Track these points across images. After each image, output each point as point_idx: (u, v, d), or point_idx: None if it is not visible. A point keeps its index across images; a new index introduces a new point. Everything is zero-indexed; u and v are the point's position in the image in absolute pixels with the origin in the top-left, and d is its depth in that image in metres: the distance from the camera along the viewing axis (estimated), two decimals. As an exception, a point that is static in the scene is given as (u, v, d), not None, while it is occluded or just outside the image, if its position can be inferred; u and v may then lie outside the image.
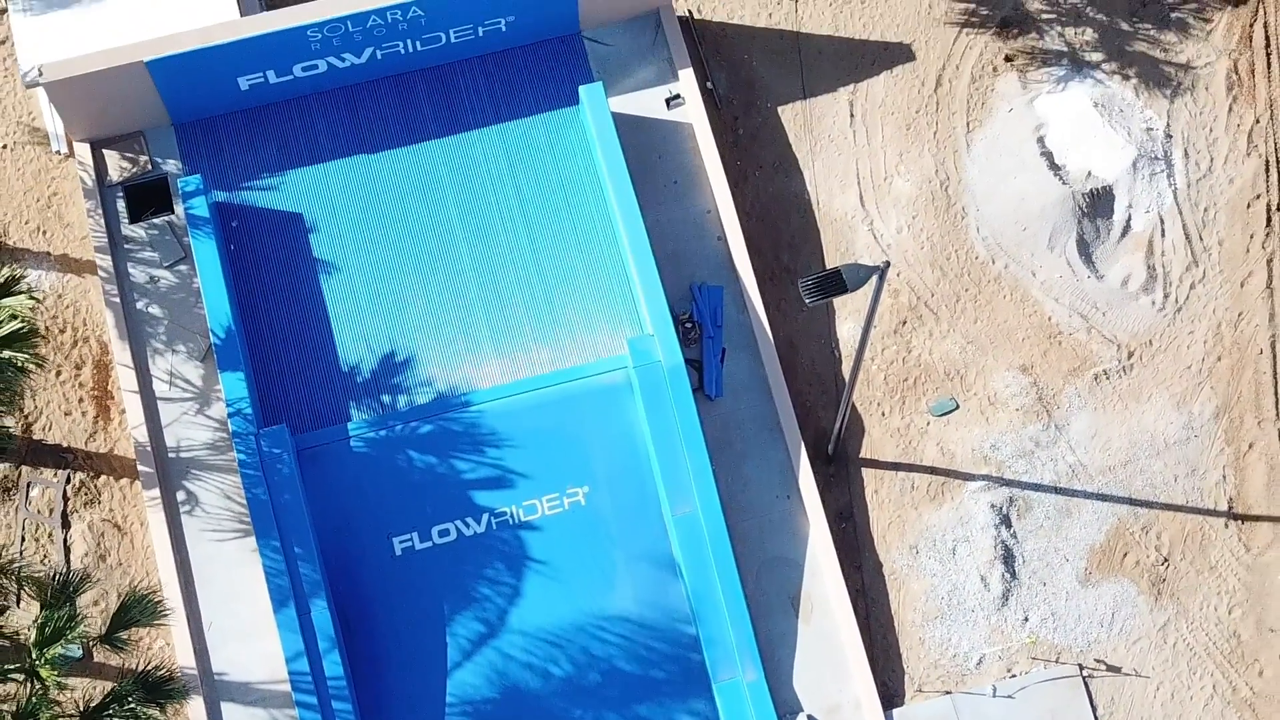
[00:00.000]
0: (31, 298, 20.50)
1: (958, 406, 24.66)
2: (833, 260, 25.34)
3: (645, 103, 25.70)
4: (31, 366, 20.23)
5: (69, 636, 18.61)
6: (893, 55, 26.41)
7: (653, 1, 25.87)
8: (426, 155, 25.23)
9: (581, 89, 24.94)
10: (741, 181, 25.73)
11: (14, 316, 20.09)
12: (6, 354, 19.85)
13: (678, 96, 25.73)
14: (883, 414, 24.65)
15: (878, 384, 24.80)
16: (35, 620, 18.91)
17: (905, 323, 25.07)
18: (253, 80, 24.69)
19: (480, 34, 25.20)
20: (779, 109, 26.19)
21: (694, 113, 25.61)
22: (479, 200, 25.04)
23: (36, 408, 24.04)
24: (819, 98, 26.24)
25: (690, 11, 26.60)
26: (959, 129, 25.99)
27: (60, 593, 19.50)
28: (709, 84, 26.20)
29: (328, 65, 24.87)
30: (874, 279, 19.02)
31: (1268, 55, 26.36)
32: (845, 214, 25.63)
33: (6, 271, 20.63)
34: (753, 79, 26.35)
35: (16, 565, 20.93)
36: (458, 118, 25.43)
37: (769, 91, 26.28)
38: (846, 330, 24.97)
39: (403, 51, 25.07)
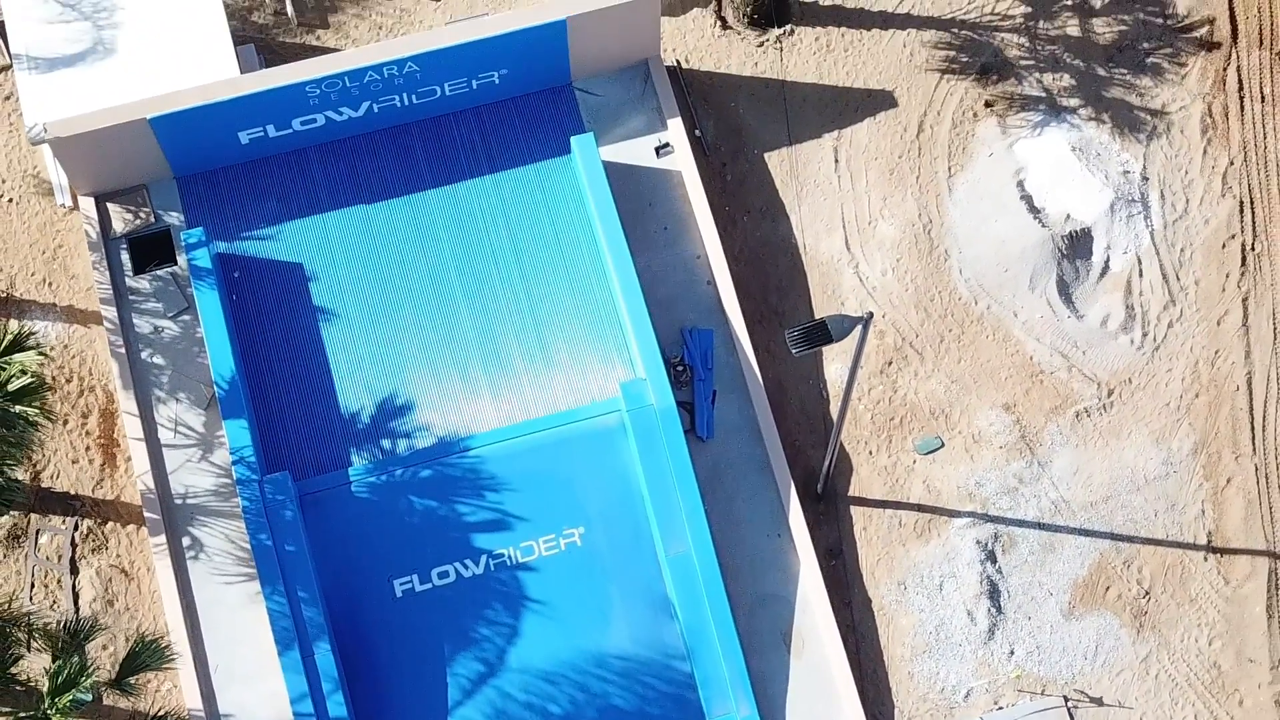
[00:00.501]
0: (41, 353, 21.06)
1: (943, 445, 25.29)
2: (820, 302, 25.99)
3: (635, 151, 26.37)
4: (42, 420, 20.77)
5: (81, 684, 19.15)
6: (876, 102, 27.10)
7: (642, 52, 26.56)
8: (423, 205, 25.88)
9: (573, 139, 25.60)
10: (730, 226, 26.39)
11: (24, 371, 20.63)
12: (17, 409, 20.40)
13: (667, 145, 26.40)
14: (870, 453, 25.28)
15: (865, 423, 25.42)
16: (48, 669, 19.44)
17: (891, 363, 25.71)
18: (253, 134, 25.34)
19: (474, 87, 25.88)
20: (765, 155, 26.87)
21: (683, 160, 26.28)
22: (474, 248, 25.68)
23: (45, 456, 24.63)
24: (804, 144, 26.92)
25: (678, 61, 27.29)
26: (941, 173, 26.68)
27: (70, 641, 20.04)
28: (697, 132, 26.88)
29: (326, 119, 25.53)
30: (858, 329, 19.67)
31: (1240, 98, 27.08)
32: (831, 257, 26.29)
33: (16, 327, 21.20)
34: (740, 126, 27.03)
35: (27, 613, 21.45)
36: (453, 168, 26.08)
37: (756, 138, 26.95)
38: (834, 371, 25.60)
39: (399, 105, 25.73)
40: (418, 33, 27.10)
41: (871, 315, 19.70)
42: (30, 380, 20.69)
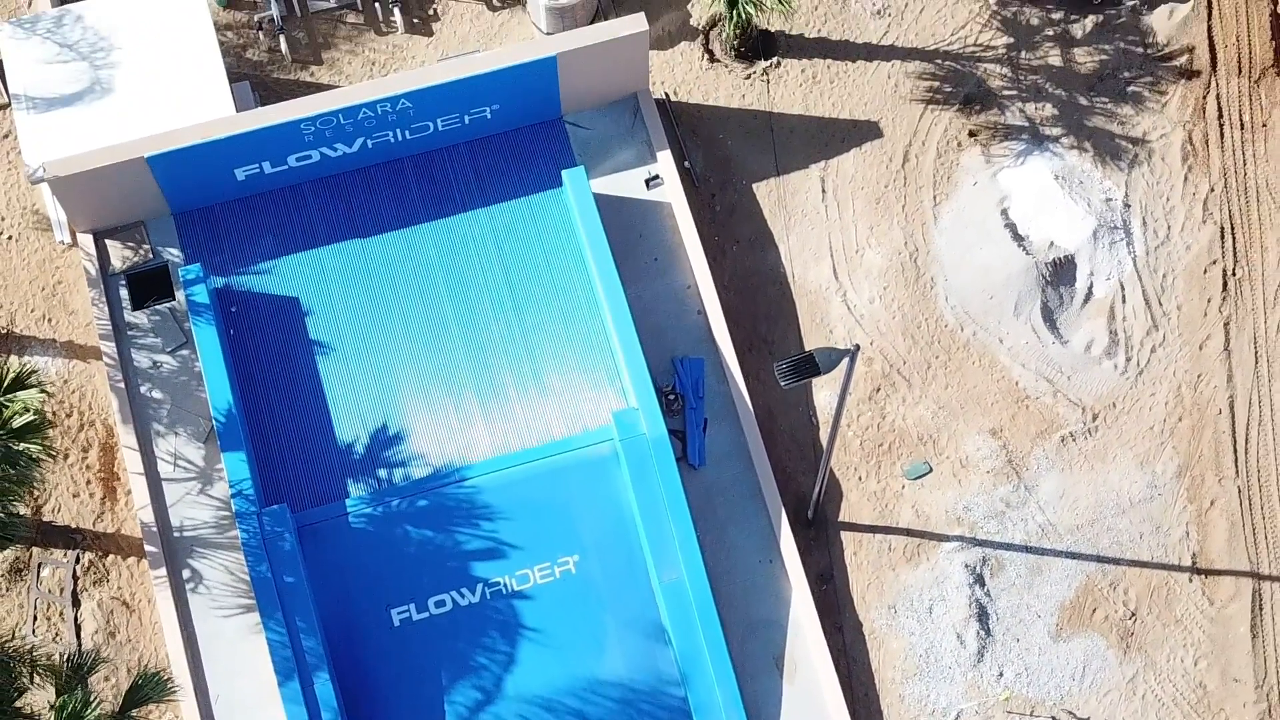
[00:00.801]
0: (43, 391, 21.40)
1: (931, 470, 25.68)
2: (808, 330, 26.40)
3: (626, 183, 26.79)
4: (44, 457, 21.11)
5: (86, 718, 19.46)
6: (861, 133, 27.54)
7: (631, 86, 26.99)
8: (417, 238, 26.28)
9: (565, 173, 26.01)
10: (720, 256, 26.79)
11: (26, 409, 20.98)
12: (20, 446, 20.74)
13: (657, 177, 26.82)
14: (859, 478, 25.66)
15: (854, 450, 25.82)
16: (52, 703, 19.76)
17: (879, 390, 26.11)
18: (249, 171, 25.74)
19: (466, 121, 26.29)
20: (754, 186, 27.30)
21: (672, 192, 26.70)
22: (468, 280, 26.07)
23: (46, 490, 24.97)
24: (792, 174, 27.35)
25: (667, 94, 27.73)
26: (926, 203, 27.11)
27: (73, 674, 20.37)
28: (686, 163, 27.31)
29: (320, 155, 25.93)
30: (845, 360, 20.08)
31: (1220, 126, 27.55)
32: (819, 286, 26.70)
33: (17, 365, 21.54)
34: (728, 158, 27.47)
35: (30, 647, 21.77)
36: (446, 202, 26.49)
37: (744, 169, 27.39)
38: (823, 398, 26.00)
39: (392, 140, 26.14)
40: (410, 69, 27.61)
41: (858, 347, 20.12)
42: (33, 418, 21.03)
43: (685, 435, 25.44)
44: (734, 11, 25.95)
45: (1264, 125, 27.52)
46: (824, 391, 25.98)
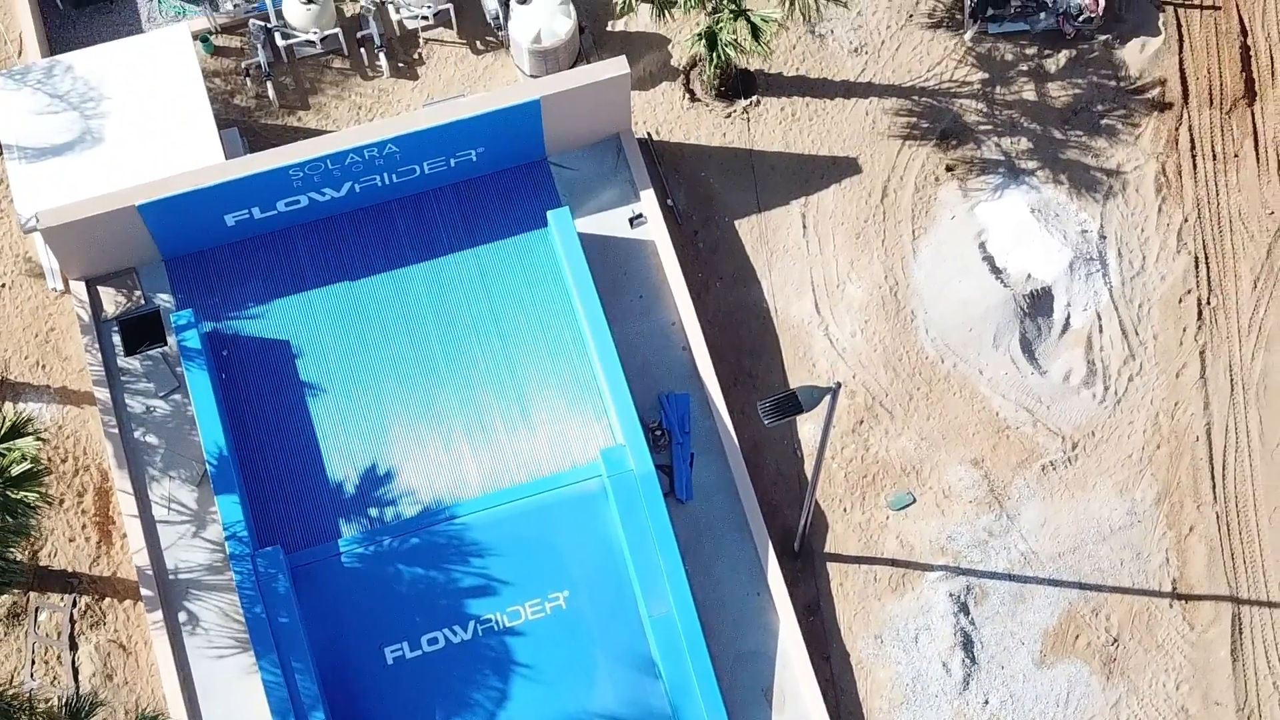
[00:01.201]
0: (39, 439, 21.75)
1: (915, 500, 26.09)
2: (792, 364, 26.81)
3: (610, 223, 27.22)
4: (41, 505, 21.45)
5: (87, 762, 19.81)
6: (841, 169, 28.01)
7: (613, 127, 27.44)
8: (405, 280, 26.67)
9: (550, 214, 26.44)
10: (703, 293, 27.22)
11: (24, 458, 21.34)
12: (18, 495, 21.08)
13: (640, 216, 27.25)
14: (844, 510, 26.06)
15: (839, 481, 26.22)
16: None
17: (862, 422, 26.53)
18: (239, 216, 26.13)
19: (452, 164, 26.71)
20: (736, 222, 27.74)
21: (656, 231, 27.12)
22: (456, 320, 26.45)
23: (42, 535, 25.27)
24: (773, 211, 27.80)
25: (649, 134, 28.18)
26: (905, 237, 27.57)
27: (72, 718, 20.68)
28: (669, 201, 27.75)
29: (309, 200, 26.33)
30: (828, 398, 20.49)
31: (1193, 157, 28.06)
32: (802, 320, 27.14)
33: (14, 413, 21.90)
34: (710, 195, 27.92)
35: (30, 693, 22.07)
36: (434, 243, 26.90)
37: (726, 206, 27.83)
38: (808, 432, 26.40)
39: (380, 184, 26.55)
40: (397, 114, 28.04)
41: (840, 385, 20.55)
42: (30, 466, 21.39)
43: (672, 470, 25.83)
44: (714, 53, 26.40)
45: (1236, 156, 28.04)
46: (808, 425, 26.39)
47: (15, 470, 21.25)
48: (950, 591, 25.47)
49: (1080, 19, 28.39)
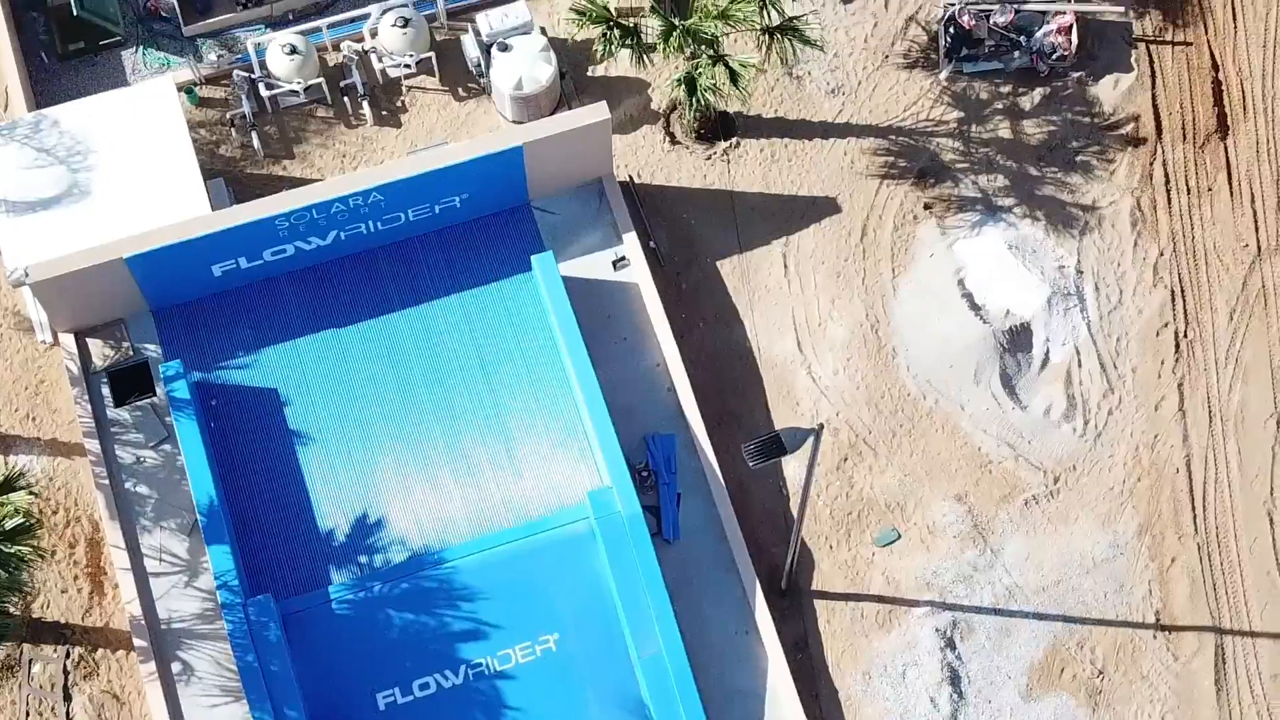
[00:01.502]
0: (31, 493, 21.96)
1: (900, 536, 26.36)
2: (775, 402, 27.09)
3: (593, 266, 27.51)
4: (34, 559, 21.64)
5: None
6: (820, 208, 28.35)
7: (595, 171, 27.76)
8: (392, 326, 26.93)
9: (534, 258, 26.73)
10: (687, 333, 27.50)
11: (17, 512, 21.54)
12: (11, 549, 21.28)
13: (623, 258, 27.55)
14: (830, 547, 26.32)
15: (824, 519, 26.49)
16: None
17: (846, 459, 26.81)
18: (226, 266, 26.38)
19: (437, 211, 27.00)
20: (718, 263, 28.05)
21: (639, 273, 27.42)
22: (443, 366, 26.70)
23: (35, 587, 25.40)
24: (754, 251, 28.12)
25: (631, 177, 28.50)
26: (885, 275, 27.91)
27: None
28: (652, 244, 28.05)
29: (295, 249, 26.59)
30: (811, 439, 20.77)
31: (1168, 191, 28.45)
32: (785, 359, 27.43)
33: (5, 467, 22.12)
34: (692, 236, 28.23)
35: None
36: (419, 289, 27.16)
37: (708, 247, 28.14)
38: (793, 470, 26.67)
39: (365, 231, 26.83)
40: (381, 162, 28.33)
41: (823, 426, 20.84)
42: (23, 520, 21.59)
43: (659, 511, 26.07)
44: (693, 98, 26.74)
45: (1210, 189, 28.44)
46: (793, 463, 26.66)
47: (8, 525, 21.48)
48: (936, 627, 25.73)
49: (1053, 57, 28.82)
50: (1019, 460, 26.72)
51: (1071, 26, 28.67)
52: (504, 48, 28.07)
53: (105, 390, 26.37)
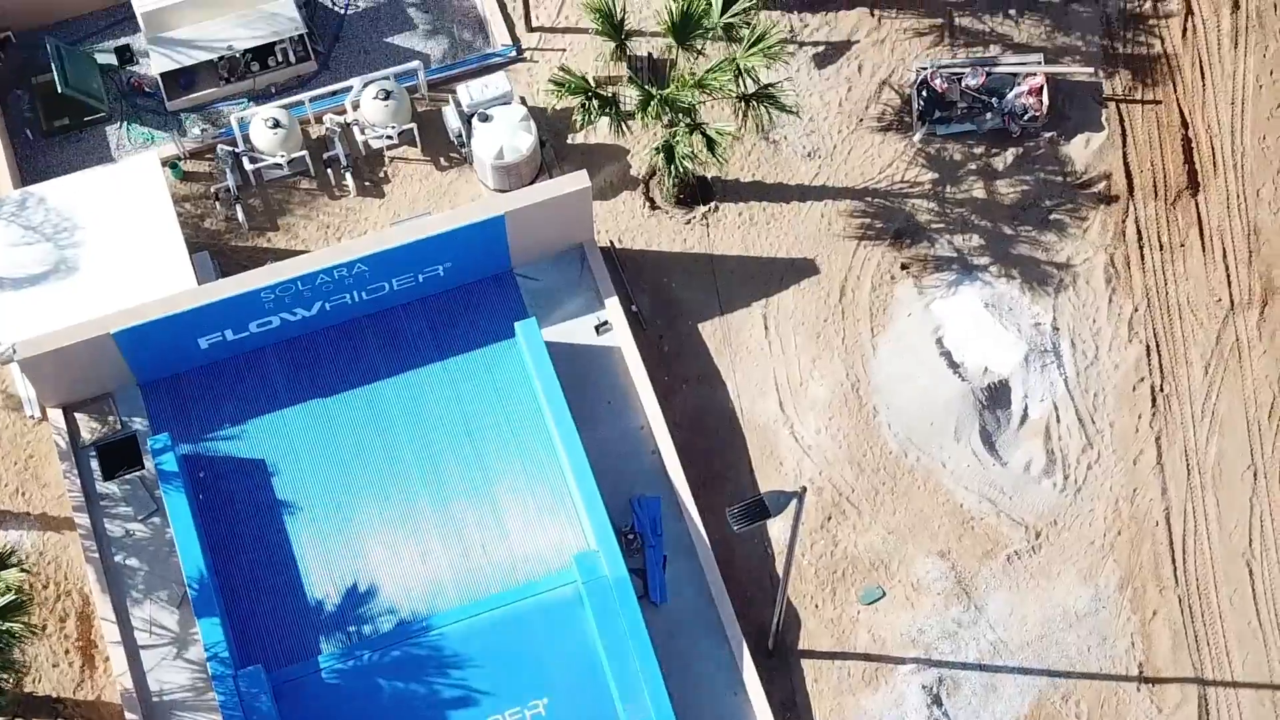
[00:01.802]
0: (23, 570, 22.12)
1: (885, 594, 26.61)
2: (759, 463, 27.37)
3: (576, 330, 27.84)
4: (26, 635, 21.77)
5: None
6: (799, 270, 28.74)
7: (577, 237, 28.13)
8: (378, 394, 27.19)
9: (517, 325, 27.04)
10: (670, 395, 27.81)
11: (9, 589, 21.69)
12: (3, 626, 21.41)
13: (606, 323, 27.89)
14: (816, 606, 26.54)
15: (810, 578, 26.72)
16: None
17: (830, 518, 27.08)
18: (212, 339, 26.65)
19: (420, 280, 27.32)
20: (699, 326, 28.39)
21: (622, 336, 27.75)
22: (429, 433, 26.95)
23: (26, 661, 25.50)
24: (735, 313, 28.48)
25: (612, 242, 28.87)
26: (864, 334, 28.27)
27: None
28: (634, 307, 28.39)
29: (281, 320, 26.87)
30: (794, 502, 21.06)
31: (1140, 248, 28.89)
32: (767, 420, 27.74)
33: (-3, 546, 22.32)
34: (673, 300, 28.58)
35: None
36: (405, 357, 27.44)
37: (689, 310, 28.49)
38: (778, 530, 26.92)
39: (350, 301, 27.13)
40: (365, 233, 28.67)
41: (805, 489, 21.13)
42: (14, 597, 21.73)
43: (646, 573, 26.28)
44: (672, 165, 27.14)
45: (1182, 245, 28.88)
46: (778, 524, 26.91)
47: (1, 602, 21.60)
48: (923, 684, 25.93)
49: (1025, 118, 29.31)
50: (1000, 516, 27.02)
51: (1042, 88, 29.18)
52: (485, 118, 28.49)
53: (94, 464, 26.56)
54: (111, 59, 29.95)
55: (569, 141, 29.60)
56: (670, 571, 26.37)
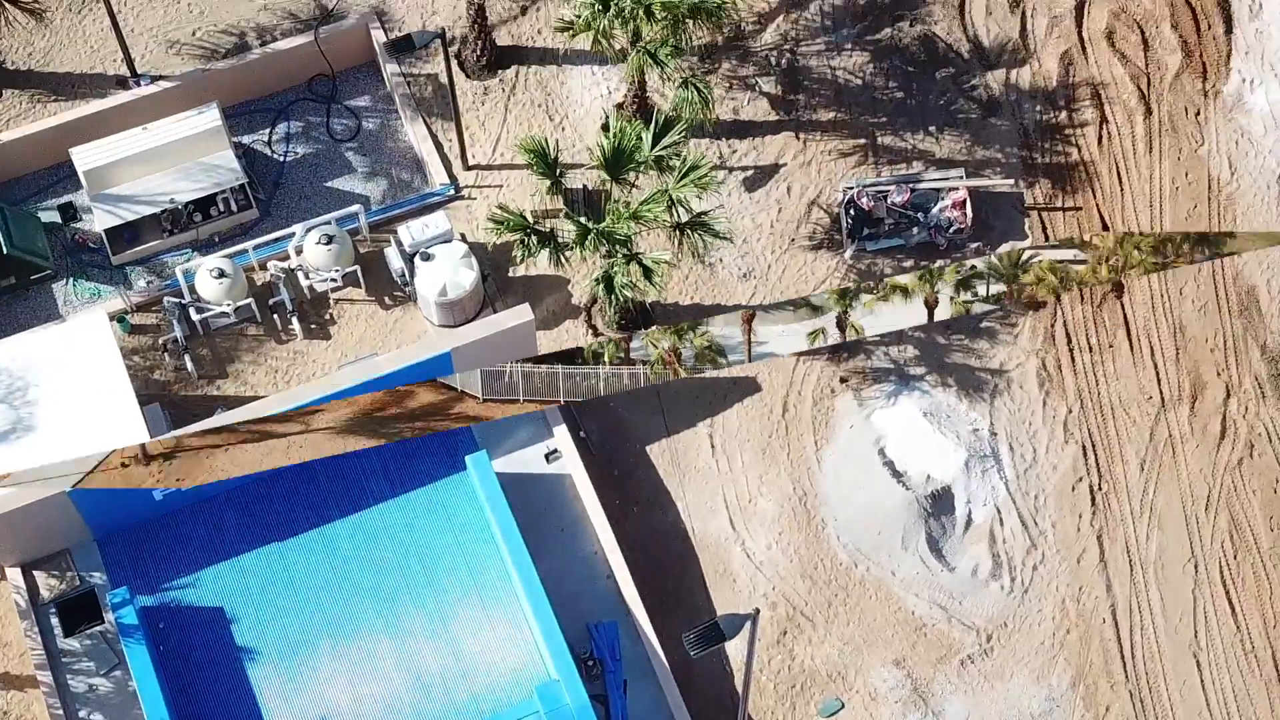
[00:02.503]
0: (-13, 736, 22.23)
1: (843, 705, 27.01)
2: (713, 581, 27.81)
3: (527, 460, 28.31)
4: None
5: None
6: (741, 388, 29.38)
7: (522, 369, 28.69)
8: (333, 535, 27.50)
9: (468, 458, 27.49)
10: (622, 519, 28.26)
11: (-27, 757, 21.79)
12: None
13: (555, 451, 28.38)
14: (777, 721, 26.96)
15: (769, 693, 27.10)
16: None
17: (786, 633, 27.51)
18: (166, 491, 26.92)
19: (370, 420, 27.77)
20: (648, 448, 28.93)
21: (572, 464, 28.24)
22: (385, 571, 27.24)
23: (-9, 826, 25.57)
24: (682, 434, 29.05)
25: (557, 372, 29.47)
26: (809, 448, 28.89)
27: None
28: (582, 434, 28.91)
29: (234, 467, 27.24)
30: (748, 624, 21.53)
31: (1070, 351, 29.73)
32: (718, 537, 28.24)
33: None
34: (621, 424, 29.13)
35: None
36: (358, 497, 27.79)
37: (637, 433, 29.04)
38: (735, 648, 27.29)
39: (301, 445, 27.53)
40: (313, 376, 29.09)
41: (759, 611, 21.63)
42: (-21, 765, 21.82)
43: (607, 700, 26.57)
44: (612, 294, 27.79)
45: (1110, 346, 29.74)
46: (736, 641, 27.25)
47: (-35, 771, 21.67)
48: (886, 792, 26.33)
49: (951, 230, 30.22)
50: (952, 621, 27.54)
51: (965, 201, 30.13)
52: (426, 256, 29.11)
53: (55, 621, 26.69)
54: (55, 216, 30.42)
55: (510, 275, 30.26)
56: (631, 695, 26.67)
